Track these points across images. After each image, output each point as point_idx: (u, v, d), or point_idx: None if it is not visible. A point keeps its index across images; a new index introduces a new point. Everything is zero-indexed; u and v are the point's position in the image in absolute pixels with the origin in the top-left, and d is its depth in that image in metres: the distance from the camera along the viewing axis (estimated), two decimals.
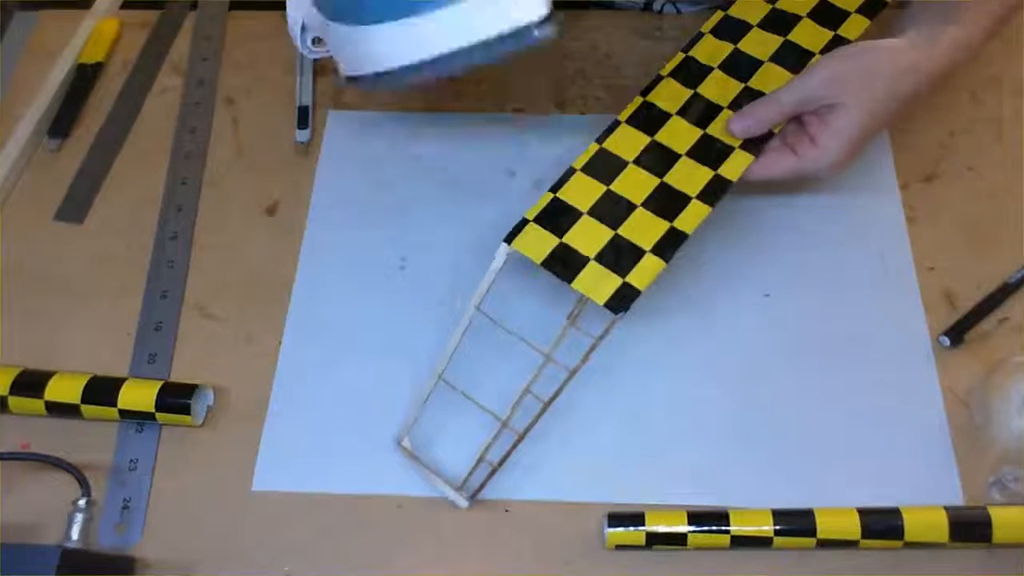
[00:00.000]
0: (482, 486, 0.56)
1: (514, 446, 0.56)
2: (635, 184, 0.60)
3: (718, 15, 0.67)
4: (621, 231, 0.58)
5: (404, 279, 0.65)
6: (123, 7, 0.82)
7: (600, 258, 0.57)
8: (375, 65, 0.59)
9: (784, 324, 0.62)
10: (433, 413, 0.58)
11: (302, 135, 0.72)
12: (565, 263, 0.57)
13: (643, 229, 0.58)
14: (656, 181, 0.60)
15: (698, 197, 0.59)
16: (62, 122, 0.74)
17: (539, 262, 0.57)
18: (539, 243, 0.57)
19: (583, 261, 0.57)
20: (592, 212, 0.59)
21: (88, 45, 0.78)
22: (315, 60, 0.76)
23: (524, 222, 0.58)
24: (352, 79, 0.60)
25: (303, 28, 0.64)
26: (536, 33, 0.52)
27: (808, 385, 0.60)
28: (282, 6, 0.66)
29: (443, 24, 0.54)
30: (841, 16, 0.66)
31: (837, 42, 0.65)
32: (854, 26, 0.66)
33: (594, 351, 0.55)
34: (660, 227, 0.58)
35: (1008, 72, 0.73)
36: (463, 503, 0.56)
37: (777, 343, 0.62)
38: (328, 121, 0.73)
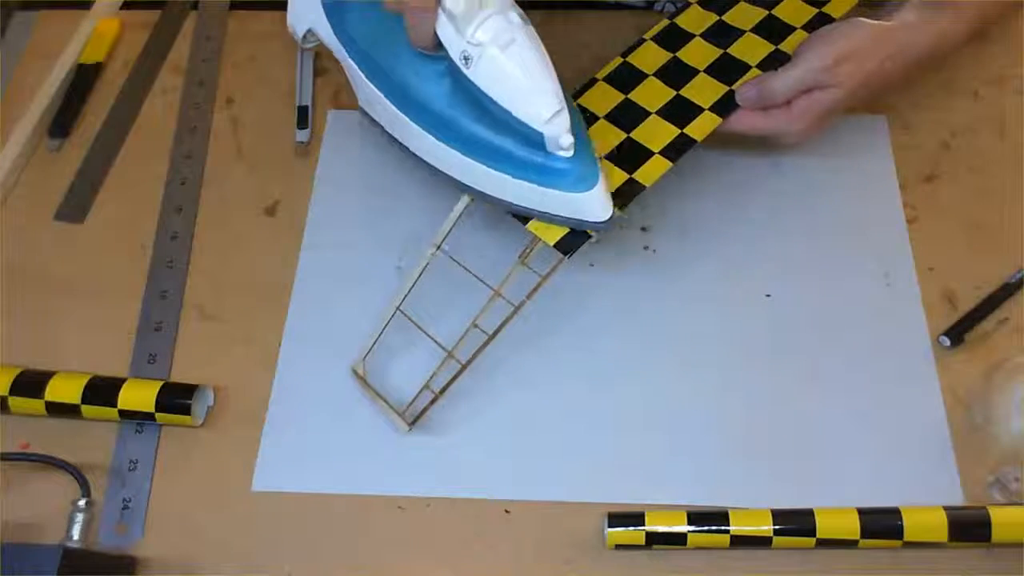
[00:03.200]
0: (423, 412, 0.58)
1: (456, 375, 0.57)
2: (603, 135, 0.61)
3: None
4: None
5: (404, 279, 0.65)
6: (123, 7, 0.81)
7: None
8: (402, 139, 0.61)
9: (785, 324, 0.62)
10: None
11: (302, 135, 0.72)
12: None
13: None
14: (623, 135, 0.61)
15: (661, 152, 0.60)
16: (62, 122, 0.74)
17: None
18: None
19: None
20: None
21: (88, 45, 0.78)
22: (314, 61, 0.76)
23: None
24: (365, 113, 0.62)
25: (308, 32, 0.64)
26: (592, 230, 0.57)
27: (808, 385, 0.60)
28: (283, 6, 0.66)
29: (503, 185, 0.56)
30: None
31: (821, 19, 0.65)
32: (841, 4, 0.66)
33: (539, 290, 0.57)
34: (619, 177, 0.59)
35: (1010, 71, 0.73)
36: (403, 427, 0.58)
37: (778, 343, 0.62)
38: (328, 121, 0.73)
